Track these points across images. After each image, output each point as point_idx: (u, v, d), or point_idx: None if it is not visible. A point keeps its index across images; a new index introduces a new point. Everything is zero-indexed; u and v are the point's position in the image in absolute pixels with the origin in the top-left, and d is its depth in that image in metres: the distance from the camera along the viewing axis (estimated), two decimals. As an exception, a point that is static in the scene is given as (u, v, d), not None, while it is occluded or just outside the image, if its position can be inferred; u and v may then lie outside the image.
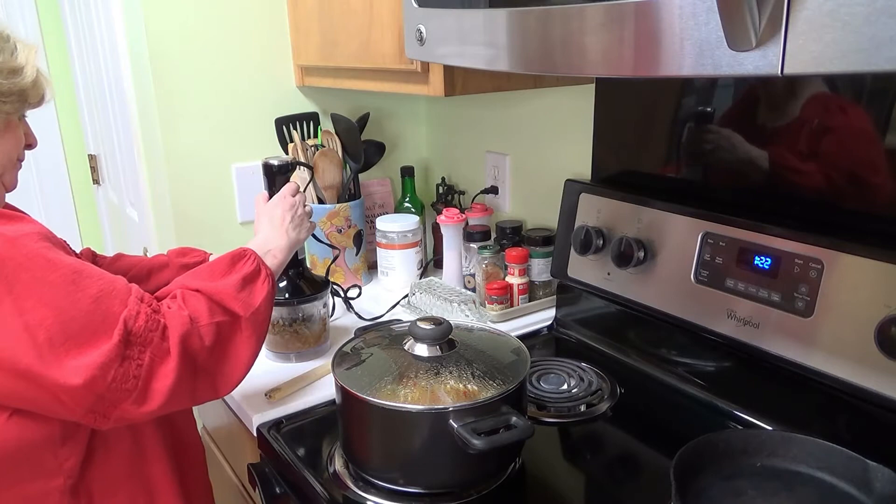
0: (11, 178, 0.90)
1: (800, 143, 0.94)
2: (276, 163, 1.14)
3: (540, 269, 1.36)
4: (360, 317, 1.37)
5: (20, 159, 0.91)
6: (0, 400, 0.75)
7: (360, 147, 1.51)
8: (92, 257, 1.10)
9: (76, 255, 0.97)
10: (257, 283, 0.90)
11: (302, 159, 1.47)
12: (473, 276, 1.39)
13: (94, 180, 2.36)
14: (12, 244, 0.74)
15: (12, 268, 0.72)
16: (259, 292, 0.90)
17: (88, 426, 0.79)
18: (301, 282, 1.21)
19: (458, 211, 1.46)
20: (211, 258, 1.14)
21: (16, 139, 0.88)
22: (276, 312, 1.19)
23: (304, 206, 1.10)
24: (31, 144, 0.92)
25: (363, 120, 1.58)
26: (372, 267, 1.60)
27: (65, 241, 0.91)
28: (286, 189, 1.10)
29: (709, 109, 1.06)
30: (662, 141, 1.14)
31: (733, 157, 1.03)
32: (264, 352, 1.22)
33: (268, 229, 1.03)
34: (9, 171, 0.88)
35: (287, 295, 1.19)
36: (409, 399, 0.82)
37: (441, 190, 1.66)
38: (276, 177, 1.14)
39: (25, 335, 0.71)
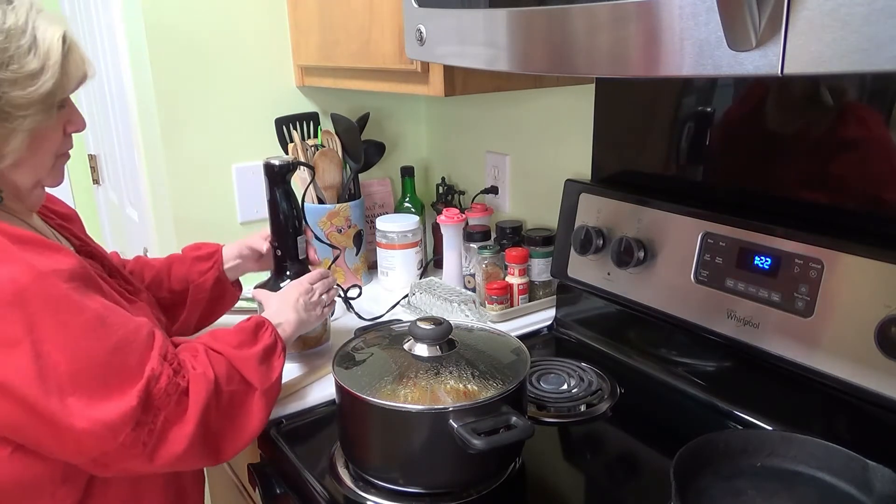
0: (55, 176, 0.84)
1: (799, 142, 0.94)
2: (277, 163, 1.14)
3: (540, 269, 1.36)
4: (360, 317, 1.37)
5: (63, 153, 0.84)
6: (7, 433, 0.74)
7: (360, 147, 1.51)
8: (120, 263, 1.08)
9: (109, 273, 0.93)
10: (275, 357, 0.92)
11: (302, 159, 1.47)
12: (473, 276, 1.39)
13: (94, 180, 2.36)
14: (41, 281, 0.71)
15: (37, 307, 0.70)
16: (276, 367, 0.92)
17: (89, 471, 0.79)
18: (301, 282, 1.20)
19: (458, 211, 1.46)
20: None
21: (51, 143, 0.81)
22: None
23: (321, 295, 1.09)
24: (77, 129, 0.84)
25: (363, 120, 1.58)
26: (372, 267, 1.60)
27: (98, 267, 0.88)
28: (307, 277, 1.10)
29: (709, 109, 1.06)
30: (662, 141, 1.14)
31: (733, 156, 1.03)
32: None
33: (278, 304, 1.04)
34: (48, 176, 0.83)
35: (287, 295, 1.18)
36: (409, 399, 0.82)
37: (441, 190, 1.66)
38: (276, 177, 1.14)
39: (38, 381, 0.70)
